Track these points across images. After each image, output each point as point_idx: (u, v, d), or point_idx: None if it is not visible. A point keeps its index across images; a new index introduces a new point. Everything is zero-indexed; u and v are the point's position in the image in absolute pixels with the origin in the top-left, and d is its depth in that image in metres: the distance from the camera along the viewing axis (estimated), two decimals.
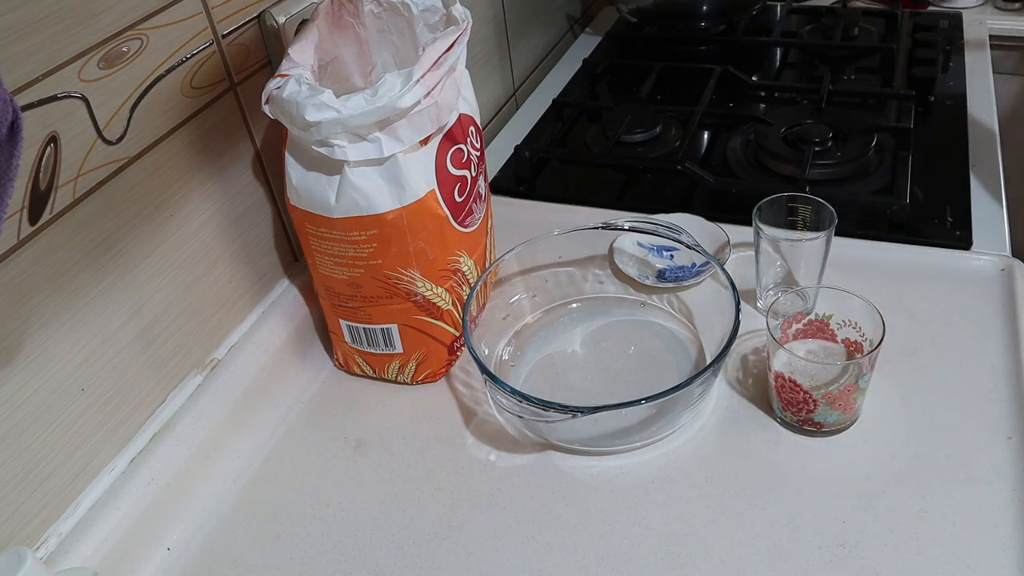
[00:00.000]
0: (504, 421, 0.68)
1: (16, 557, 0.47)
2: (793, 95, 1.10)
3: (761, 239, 0.69)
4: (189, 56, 0.61)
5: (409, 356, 0.70)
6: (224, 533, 0.62)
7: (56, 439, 0.55)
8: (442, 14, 0.68)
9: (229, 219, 0.69)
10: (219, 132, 0.66)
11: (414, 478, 0.64)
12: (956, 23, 1.25)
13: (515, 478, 0.63)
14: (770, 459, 0.62)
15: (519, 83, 1.23)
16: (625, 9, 1.28)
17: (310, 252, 0.66)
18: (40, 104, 0.50)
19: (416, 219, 0.62)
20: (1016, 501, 0.57)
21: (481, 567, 0.57)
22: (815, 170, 0.88)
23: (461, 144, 0.66)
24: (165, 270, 0.63)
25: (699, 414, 0.66)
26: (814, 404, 0.60)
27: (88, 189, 0.55)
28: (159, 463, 0.62)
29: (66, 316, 0.55)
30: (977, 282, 0.74)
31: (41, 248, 0.52)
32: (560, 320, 0.77)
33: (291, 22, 0.68)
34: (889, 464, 0.60)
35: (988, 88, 1.08)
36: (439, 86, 0.60)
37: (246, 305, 0.73)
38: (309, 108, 0.55)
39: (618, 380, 0.70)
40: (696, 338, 0.73)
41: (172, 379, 0.66)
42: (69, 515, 0.57)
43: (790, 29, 1.29)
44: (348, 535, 0.61)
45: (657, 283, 0.78)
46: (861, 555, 0.55)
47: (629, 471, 0.63)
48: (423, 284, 0.66)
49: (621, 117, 1.01)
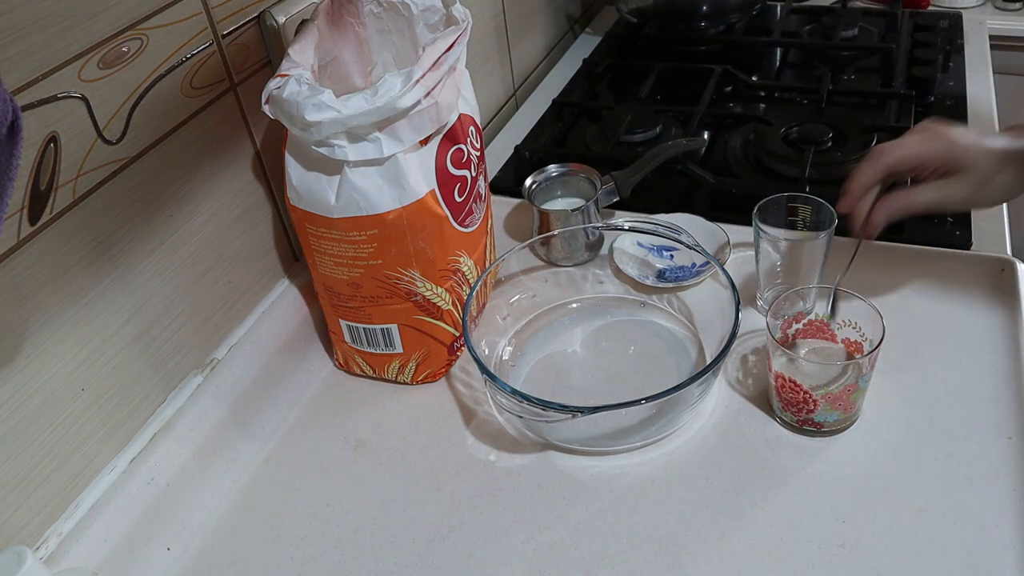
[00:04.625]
0: (504, 421, 0.68)
1: (16, 557, 0.47)
2: (793, 95, 1.10)
3: (761, 239, 0.69)
4: (189, 56, 0.61)
5: (409, 356, 0.70)
6: (224, 533, 0.62)
7: (56, 439, 0.55)
8: (442, 14, 0.68)
9: (229, 219, 0.69)
10: (219, 132, 0.66)
11: (414, 478, 0.64)
12: (956, 23, 1.25)
13: (515, 478, 0.63)
14: (770, 459, 0.62)
15: (519, 83, 1.23)
16: (625, 9, 1.29)
17: (310, 252, 0.66)
18: (40, 104, 0.50)
19: (416, 219, 0.62)
20: (1016, 501, 0.57)
21: (481, 567, 0.57)
22: (815, 170, 0.88)
23: (461, 144, 0.66)
24: (165, 270, 0.63)
25: (699, 414, 0.66)
26: (814, 404, 0.60)
27: (88, 189, 0.55)
28: (159, 463, 0.62)
29: (66, 316, 0.55)
30: (977, 282, 0.74)
31: (41, 248, 0.52)
32: (560, 320, 0.77)
33: (291, 22, 0.68)
34: (889, 464, 0.60)
35: (988, 88, 1.08)
36: (439, 86, 0.60)
37: (246, 305, 0.73)
38: (309, 108, 0.55)
39: (618, 380, 0.70)
40: (696, 338, 0.73)
41: (172, 379, 0.66)
42: (69, 515, 0.57)
43: (790, 29, 1.29)
44: (348, 535, 0.61)
45: (657, 283, 0.78)
46: (861, 555, 0.55)
47: (629, 471, 0.63)
48: (423, 284, 0.66)
49: (621, 117, 1.01)
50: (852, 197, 0.62)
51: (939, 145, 0.60)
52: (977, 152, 0.59)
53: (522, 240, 0.79)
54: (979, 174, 0.59)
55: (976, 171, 0.59)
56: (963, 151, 0.59)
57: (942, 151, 0.60)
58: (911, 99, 1.02)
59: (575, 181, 0.85)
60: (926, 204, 0.61)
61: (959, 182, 0.60)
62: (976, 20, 1.27)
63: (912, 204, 0.61)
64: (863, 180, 0.61)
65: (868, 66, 1.16)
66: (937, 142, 0.60)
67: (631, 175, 0.84)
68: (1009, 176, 0.60)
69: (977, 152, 0.59)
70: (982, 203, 0.62)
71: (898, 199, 0.61)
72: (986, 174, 0.59)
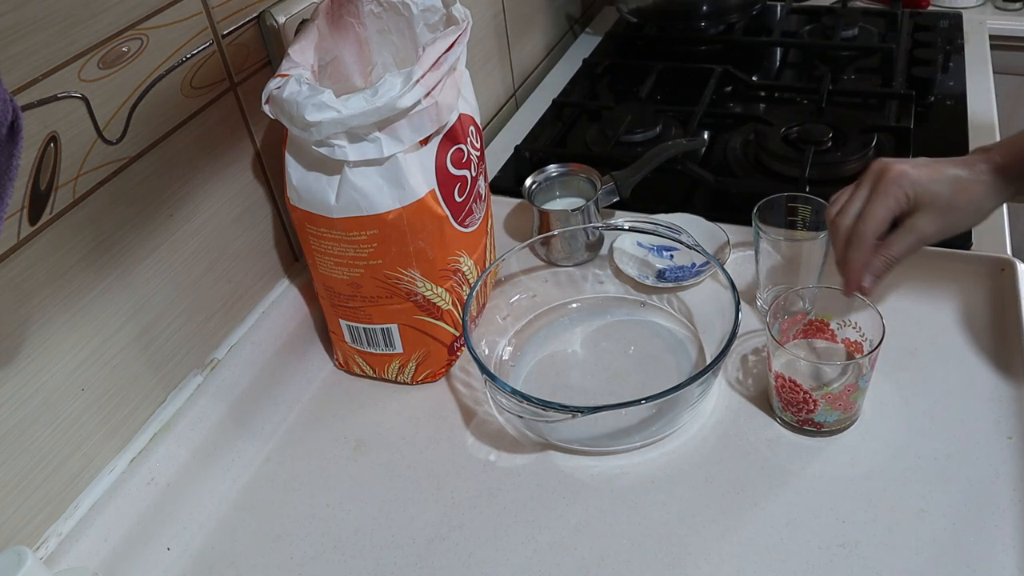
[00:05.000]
0: (504, 421, 0.68)
1: (16, 557, 0.47)
2: (793, 95, 1.10)
3: (761, 239, 0.69)
4: (189, 56, 0.61)
5: (409, 356, 0.70)
6: (224, 533, 0.62)
7: (56, 439, 0.55)
8: (442, 14, 0.68)
9: (229, 219, 0.69)
10: (219, 132, 0.66)
11: (414, 478, 0.64)
12: (956, 23, 1.25)
13: (515, 478, 0.63)
14: (770, 459, 0.62)
15: (519, 83, 1.23)
16: (625, 9, 1.29)
17: (310, 252, 0.66)
18: (40, 104, 0.50)
19: (416, 219, 0.62)
20: (1016, 501, 0.57)
21: (481, 567, 0.57)
22: (815, 170, 0.88)
23: (461, 144, 0.66)
24: (165, 270, 0.63)
25: (699, 414, 0.66)
26: (814, 404, 0.60)
27: (88, 189, 0.55)
28: (159, 463, 0.62)
29: (66, 316, 0.55)
30: (977, 282, 0.74)
31: (41, 248, 0.52)
32: (560, 320, 0.77)
33: (291, 22, 0.68)
34: (889, 464, 0.60)
35: (988, 88, 1.08)
36: (439, 86, 0.60)
37: (246, 305, 0.73)
38: (309, 108, 0.55)
39: (618, 380, 0.70)
40: (696, 338, 0.73)
41: (172, 379, 0.66)
42: (69, 515, 0.57)
43: (790, 29, 1.29)
44: (348, 535, 0.61)
45: (657, 283, 0.78)
46: (861, 555, 0.55)
47: (629, 471, 0.63)
48: (423, 284, 0.66)
49: (621, 117, 1.02)
50: (855, 283, 0.62)
51: (895, 188, 0.59)
52: (933, 183, 0.59)
53: (522, 240, 0.79)
54: (942, 201, 0.59)
55: (938, 201, 0.59)
56: (921, 184, 0.59)
57: (900, 194, 0.59)
58: (911, 99, 1.02)
59: (575, 181, 0.85)
60: (904, 252, 0.60)
61: (924, 217, 0.59)
62: (976, 20, 1.27)
63: (893, 259, 0.60)
64: (858, 267, 0.61)
65: (868, 66, 1.16)
66: (893, 187, 0.59)
67: (631, 175, 0.84)
68: (974, 195, 0.60)
69: (933, 183, 0.59)
70: (957, 228, 0.61)
71: (878, 262, 0.60)
72: (949, 200, 0.59)
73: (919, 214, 0.60)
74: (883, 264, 0.61)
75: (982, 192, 0.60)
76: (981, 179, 0.60)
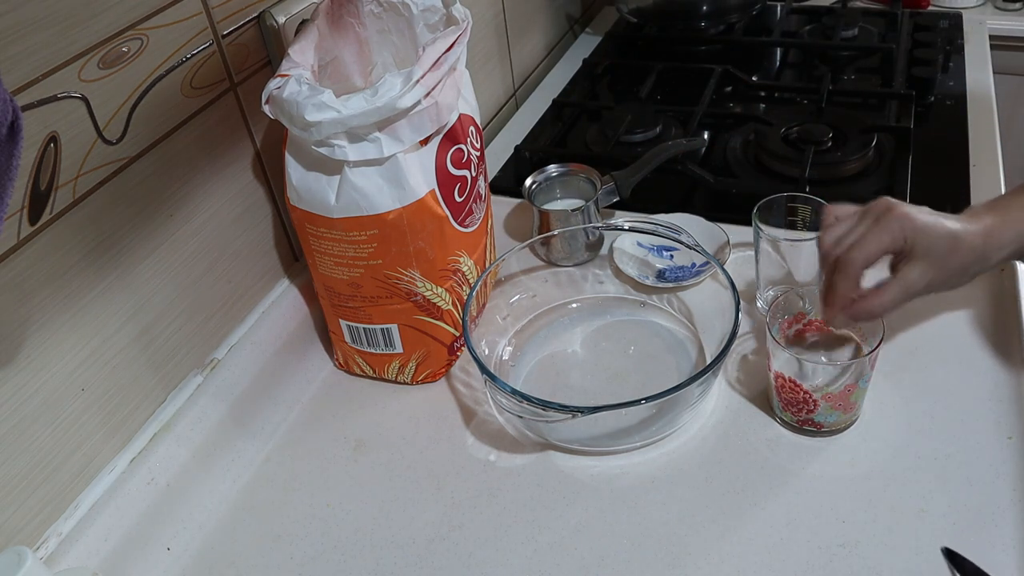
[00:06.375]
0: (504, 421, 0.68)
1: (16, 557, 0.47)
2: (793, 95, 1.10)
3: (761, 239, 0.69)
4: (189, 56, 0.61)
5: (409, 356, 0.70)
6: (224, 533, 0.62)
7: (56, 439, 0.55)
8: (442, 14, 0.68)
9: (229, 219, 0.69)
10: (219, 132, 0.66)
11: (414, 478, 0.64)
12: (956, 23, 1.25)
13: (515, 478, 0.63)
14: (770, 459, 0.62)
15: (519, 83, 1.23)
16: (625, 9, 1.29)
17: (310, 252, 0.66)
18: (40, 104, 0.50)
19: (416, 219, 0.62)
20: (1016, 501, 0.57)
21: (481, 567, 0.57)
22: (815, 170, 0.88)
23: (461, 144, 0.66)
24: (165, 270, 0.63)
25: (699, 414, 0.66)
26: (814, 404, 0.60)
27: (88, 189, 0.55)
28: (159, 463, 0.62)
29: (66, 316, 0.55)
30: (977, 282, 0.74)
31: (41, 248, 0.52)
32: (560, 320, 0.77)
33: (291, 22, 0.68)
34: (889, 464, 0.60)
35: (988, 88, 1.08)
36: (439, 86, 0.60)
37: (246, 305, 0.73)
38: (309, 108, 0.55)
39: (618, 380, 0.70)
40: (696, 338, 0.73)
41: (172, 379, 0.66)
42: (69, 515, 0.57)
43: (790, 29, 1.29)
44: (348, 535, 0.61)
45: (657, 283, 0.78)
46: (861, 555, 0.55)
47: (629, 471, 0.63)
48: (423, 284, 0.66)
49: (621, 117, 1.02)
50: (835, 312, 0.60)
51: (896, 226, 0.58)
52: (932, 233, 0.58)
53: (522, 240, 0.79)
54: (937, 255, 0.58)
55: (933, 253, 0.58)
56: (921, 231, 0.58)
57: (899, 234, 0.58)
58: (911, 99, 1.02)
59: (575, 181, 0.85)
60: (892, 304, 0.59)
61: (917, 268, 0.58)
62: (976, 20, 1.27)
63: (881, 309, 0.59)
64: (842, 296, 0.59)
65: (868, 66, 1.16)
66: (894, 224, 0.58)
67: (631, 175, 0.84)
68: (965, 259, 0.58)
69: (932, 233, 0.58)
70: (946, 286, 0.59)
71: (865, 306, 0.59)
72: (942, 255, 0.58)
73: (913, 264, 0.58)
74: (865, 313, 0.59)
75: (971, 259, 0.59)
76: (973, 244, 0.58)
